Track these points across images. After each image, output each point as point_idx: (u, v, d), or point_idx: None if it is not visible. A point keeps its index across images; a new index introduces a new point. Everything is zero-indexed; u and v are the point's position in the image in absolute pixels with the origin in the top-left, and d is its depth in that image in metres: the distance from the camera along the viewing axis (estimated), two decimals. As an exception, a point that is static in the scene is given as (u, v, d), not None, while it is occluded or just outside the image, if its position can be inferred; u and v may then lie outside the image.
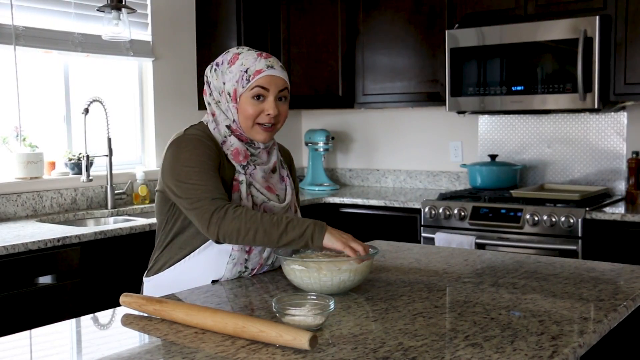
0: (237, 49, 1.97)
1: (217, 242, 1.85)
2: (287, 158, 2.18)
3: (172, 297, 1.77)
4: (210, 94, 1.98)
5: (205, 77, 2.00)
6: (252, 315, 1.57)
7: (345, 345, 1.38)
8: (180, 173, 1.85)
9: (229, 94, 1.92)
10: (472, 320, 1.54)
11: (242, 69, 1.90)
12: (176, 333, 1.47)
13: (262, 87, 1.90)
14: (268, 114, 1.91)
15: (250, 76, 1.89)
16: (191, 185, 1.83)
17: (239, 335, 1.42)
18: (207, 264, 1.91)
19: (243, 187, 1.91)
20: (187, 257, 1.93)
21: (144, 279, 2.03)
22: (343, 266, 1.74)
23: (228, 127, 1.95)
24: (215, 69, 1.96)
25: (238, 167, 1.93)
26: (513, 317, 1.55)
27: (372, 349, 1.35)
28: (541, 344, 1.37)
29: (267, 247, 1.92)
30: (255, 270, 1.97)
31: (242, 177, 1.92)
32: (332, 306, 1.49)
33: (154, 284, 1.97)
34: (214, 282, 1.92)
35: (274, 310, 1.49)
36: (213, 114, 1.97)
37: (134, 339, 1.50)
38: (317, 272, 1.72)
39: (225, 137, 1.94)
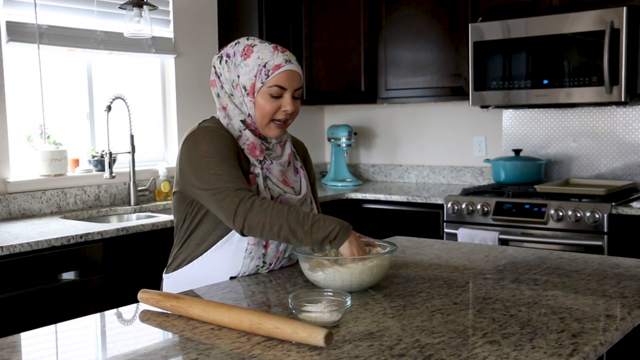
0: (248, 40, 1.94)
1: (242, 234, 1.81)
2: (301, 150, 2.17)
3: (191, 294, 1.77)
4: (222, 87, 1.96)
5: (213, 68, 1.97)
6: (268, 312, 1.56)
7: (361, 342, 1.36)
8: (200, 165, 1.83)
9: (244, 87, 1.90)
10: (491, 317, 1.51)
11: (259, 63, 1.88)
12: (192, 329, 1.47)
13: (280, 87, 1.88)
14: (285, 110, 1.90)
15: (269, 70, 1.87)
16: (213, 176, 1.80)
17: (255, 332, 1.41)
18: (224, 260, 1.91)
19: (260, 180, 1.90)
20: (205, 254, 1.93)
21: (164, 275, 2.03)
22: (367, 264, 1.73)
23: (242, 121, 1.94)
24: (226, 61, 1.94)
25: (254, 162, 1.92)
26: (533, 315, 1.52)
27: (388, 346, 1.33)
28: (561, 341, 1.34)
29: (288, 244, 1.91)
30: (273, 264, 1.97)
31: (257, 171, 1.91)
32: (348, 303, 1.48)
33: (173, 281, 1.98)
34: (232, 278, 1.92)
35: (291, 306, 1.48)
36: (224, 108, 1.95)
37: (151, 335, 1.50)
38: (338, 270, 1.71)
39: (240, 131, 1.93)
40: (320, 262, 1.76)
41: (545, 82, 3.60)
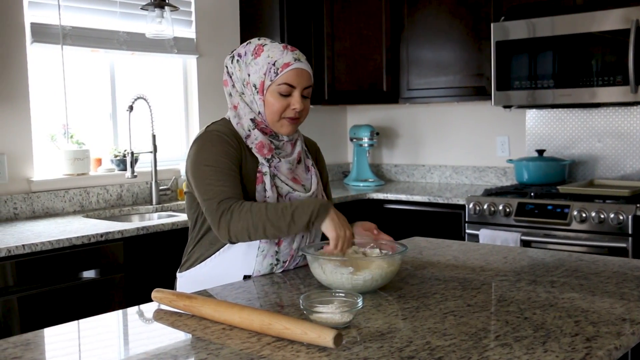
0: (259, 40, 1.96)
1: (231, 242, 1.86)
2: (313, 149, 2.17)
3: (204, 293, 1.77)
4: (233, 86, 1.98)
5: (225, 68, 2.00)
6: (280, 312, 1.56)
7: (371, 343, 1.35)
8: (198, 172, 1.88)
9: (254, 85, 1.92)
10: (505, 319, 1.49)
11: (269, 61, 1.89)
12: (204, 329, 1.48)
13: (289, 85, 1.90)
14: (294, 109, 1.91)
15: (278, 69, 1.89)
16: (206, 185, 1.86)
17: (265, 332, 1.41)
18: (237, 259, 1.92)
19: (267, 179, 1.91)
20: (218, 253, 1.94)
21: (177, 274, 2.05)
22: (372, 264, 1.73)
23: (252, 120, 1.95)
24: (238, 60, 1.96)
25: (262, 160, 1.92)
26: (548, 317, 1.50)
27: (398, 348, 1.32)
28: (574, 345, 1.32)
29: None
30: (287, 262, 1.97)
31: (265, 169, 1.92)
32: (360, 304, 1.47)
33: (186, 280, 1.99)
34: (246, 277, 1.93)
35: (302, 307, 1.47)
36: (235, 107, 1.97)
37: (163, 334, 1.51)
38: (344, 269, 1.71)
39: (249, 130, 1.94)
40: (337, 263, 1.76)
41: (570, 81, 3.54)
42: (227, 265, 1.93)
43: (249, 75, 1.92)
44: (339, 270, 1.71)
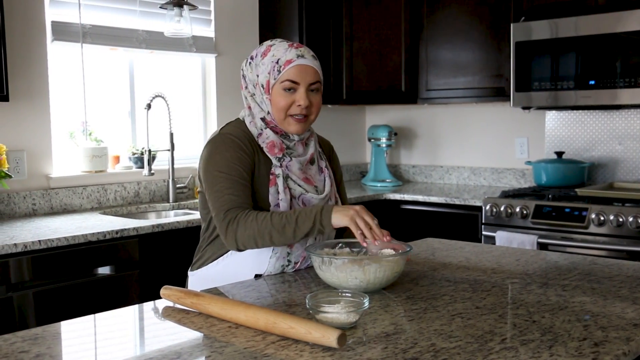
0: (271, 41, 1.97)
1: (239, 250, 1.87)
2: (327, 149, 2.17)
3: (214, 291, 1.78)
4: (246, 87, 2.00)
5: (241, 71, 2.02)
6: (287, 312, 1.56)
7: (375, 344, 1.35)
8: (210, 177, 1.90)
9: (262, 85, 1.93)
10: (513, 322, 1.48)
11: (273, 60, 1.90)
12: (210, 327, 1.48)
13: (292, 81, 1.89)
14: (299, 105, 1.91)
15: (280, 67, 1.89)
16: (216, 192, 1.87)
17: (270, 331, 1.41)
18: (249, 259, 1.92)
19: (280, 181, 1.91)
20: (230, 252, 1.94)
21: (189, 272, 2.05)
22: (375, 263, 1.72)
23: (262, 119, 1.95)
24: (249, 62, 1.98)
25: (274, 160, 1.93)
26: (557, 321, 1.48)
27: (403, 349, 1.31)
28: (581, 350, 1.30)
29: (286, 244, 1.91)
30: (299, 264, 1.97)
31: (278, 171, 1.92)
32: (366, 304, 1.47)
33: (198, 278, 2.00)
34: (257, 276, 1.93)
35: (308, 307, 1.47)
36: (249, 108, 1.99)
37: (169, 332, 1.51)
38: (349, 268, 1.70)
39: (261, 129, 1.95)
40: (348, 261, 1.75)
41: (591, 83, 3.50)
42: (239, 265, 1.93)
43: (257, 75, 1.94)
44: (372, 267, 1.70)
